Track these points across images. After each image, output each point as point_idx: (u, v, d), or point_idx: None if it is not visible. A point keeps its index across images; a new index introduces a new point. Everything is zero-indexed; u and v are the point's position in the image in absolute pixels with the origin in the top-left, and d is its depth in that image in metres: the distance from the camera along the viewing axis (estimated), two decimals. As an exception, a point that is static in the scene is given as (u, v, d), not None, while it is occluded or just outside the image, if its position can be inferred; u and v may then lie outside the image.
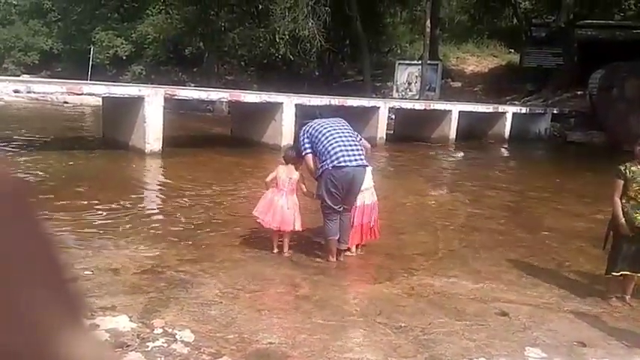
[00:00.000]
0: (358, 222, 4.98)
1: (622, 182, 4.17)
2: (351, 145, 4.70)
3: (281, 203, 4.82)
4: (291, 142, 11.29)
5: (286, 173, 4.90)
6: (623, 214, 4.13)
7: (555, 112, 19.01)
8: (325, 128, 4.79)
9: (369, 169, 4.94)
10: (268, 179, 4.98)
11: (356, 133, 4.95)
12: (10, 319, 0.33)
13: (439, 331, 3.57)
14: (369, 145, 5.10)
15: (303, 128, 4.97)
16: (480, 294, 4.32)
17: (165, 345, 3.12)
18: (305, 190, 5.00)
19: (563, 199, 8.72)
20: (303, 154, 4.84)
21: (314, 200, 5.02)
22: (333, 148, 4.64)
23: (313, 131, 4.80)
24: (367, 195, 4.99)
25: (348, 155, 4.62)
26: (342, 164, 4.59)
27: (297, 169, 4.94)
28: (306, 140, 4.82)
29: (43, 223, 0.39)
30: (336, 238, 4.81)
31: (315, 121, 4.97)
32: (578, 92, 20.47)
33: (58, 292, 0.38)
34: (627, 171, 4.16)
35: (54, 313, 0.36)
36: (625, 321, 3.97)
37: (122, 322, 3.35)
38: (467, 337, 3.50)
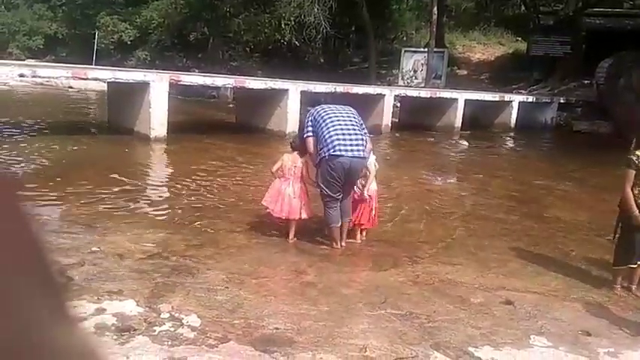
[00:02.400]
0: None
1: (633, 172, 4.13)
2: (350, 135, 4.63)
3: (288, 192, 4.82)
4: (297, 130, 11.26)
5: (291, 161, 4.89)
6: (636, 205, 4.09)
7: (562, 101, 18.87)
8: (328, 115, 4.75)
9: (372, 158, 4.93)
10: (274, 169, 4.95)
11: (362, 123, 4.87)
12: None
13: (444, 318, 3.58)
14: (370, 146, 4.94)
15: (310, 111, 4.99)
16: (484, 282, 4.32)
17: (172, 329, 3.14)
18: (307, 176, 4.97)
19: (569, 189, 8.69)
20: (305, 136, 4.83)
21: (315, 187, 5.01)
22: (331, 137, 4.60)
23: (317, 116, 4.79)
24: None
25: (345, 145, 4.58)
26: (338, 153, 4.57)
27: (302, 156, 4.93)
28: (309, 124, 4.82)
29: (29, 216, 0.38)
30: (338, 225, 4.81)
31: (322, 106, 4.95)
32: (586, 81, 20.28)
33: (45, 286, 0.37)
34: (639, 161, 4.12)
35: (41, 306, 0.35)
36: (630, 310, 3.98)
37: (129, 307, 3.37)
38: (472, 325, 3.50)
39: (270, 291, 3.90)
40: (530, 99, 18.37)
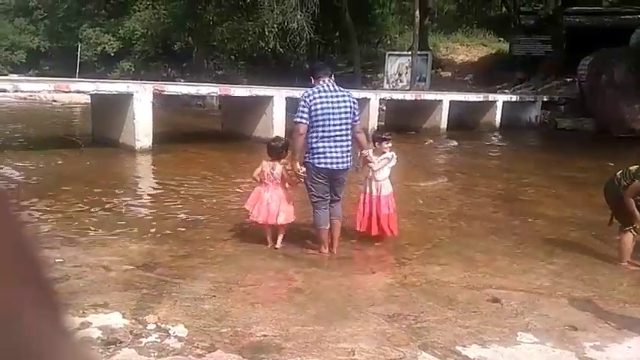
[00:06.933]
0: (380, 213, 5.13)
1: None
2: (337, 144, 4.60)
3: (266, 197, 4.85)
4: (282, 136, 11.25)
5: (270, 167, 4.91)
6: None
7: (545, 99, 19.06)
8: (323, 113, 4.54)
9: (388, 158, 5.17)
10: (255, 174, 5.00)
11: (354, 112, 4.81)
12: None
13: (432, 319, 3.59)
14: (364, 141, 5.08)
15: (306, 96, 4.58)
16: (471, 281, 4.34)
17: (159, 340, 3.12)
18: (288, 178, 4.89)
19: (554, 186, 8.76)
20: (296, 120, 4.58)
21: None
22: (319, 147, 4.56)
23: (313, 107, 4.53)
24: (385, 184, 5.25)
25: (332, 157, 4.58)
26: (323, 166, 4.60)
27: (279, 160, 4.92)
28: (305, 110, 4.53)
29: (23, 226, 0.38)
30: (327, 227, 4.80)
31: (319, 93, 4.61)
32: (568, 79, 20.53)
33: (39, 295, 0.37)
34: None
35: (36, 315, 0.35)
36: (615, 304, 4.01)
37: (115, 319, 3.35)
38: (459, 324, 3.52)
39: (257, 298, 3.88)
40: (514, 98, 18.55)
